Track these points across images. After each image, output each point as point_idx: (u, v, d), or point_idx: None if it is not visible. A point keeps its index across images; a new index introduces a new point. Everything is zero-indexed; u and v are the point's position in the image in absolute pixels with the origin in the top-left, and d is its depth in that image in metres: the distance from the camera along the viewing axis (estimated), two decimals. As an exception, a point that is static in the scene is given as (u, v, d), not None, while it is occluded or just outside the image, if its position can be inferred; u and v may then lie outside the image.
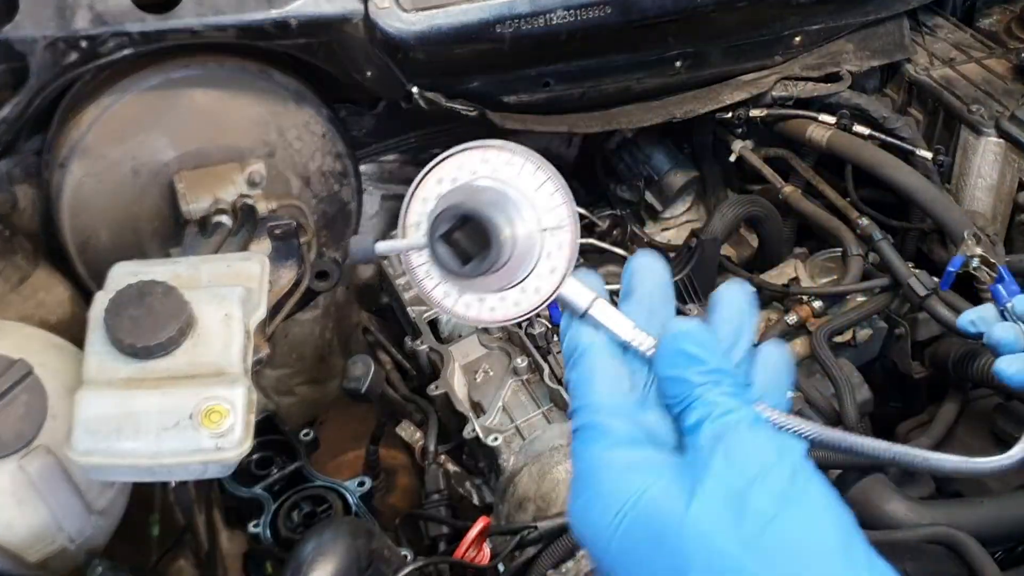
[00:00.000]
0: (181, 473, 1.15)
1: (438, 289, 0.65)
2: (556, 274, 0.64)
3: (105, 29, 1.36)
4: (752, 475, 0.56)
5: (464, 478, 1.47)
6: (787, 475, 0.56)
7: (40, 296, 1.49)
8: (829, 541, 0.54)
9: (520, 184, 0.64)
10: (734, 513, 0.55)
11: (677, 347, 0.62)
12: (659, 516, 0.57)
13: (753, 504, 0.55)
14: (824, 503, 0.56)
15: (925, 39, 1.88)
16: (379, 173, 1.87)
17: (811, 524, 0.55)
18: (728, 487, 0.56)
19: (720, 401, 0.60)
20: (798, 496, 0.56)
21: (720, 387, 0.60)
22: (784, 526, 0.54)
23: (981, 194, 1.71)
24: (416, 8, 1.46)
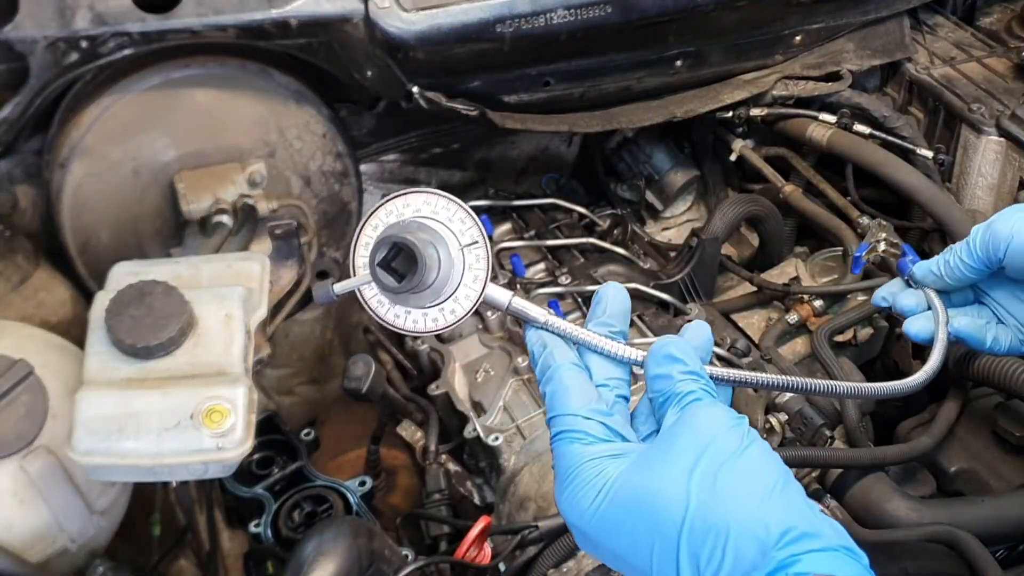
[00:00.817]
0: (182, 473, 1.15)
1: (389, 313, 0.79)
2: (479, 281, 0.78)
3: (105, 29, 1.36)
4: (705, 440, 0.69)
5: (465, 478, 1.47)
6: (733, 438, 0.70)
7: (41, 296, 1.49)
8: (766, 485, 0.67)
9: (439, 215, 0.78)
10: (691, 468, 0.68)
11: (666, 351, 0.77)
12: (633, 487, 0.70)
13: (706, 462, 0.68)
14: (762, 459, 0.69)
15: (926, 38, 1.88)
16: (379, 173, 1.87)
17: (751, 473, 0.68)
18: (688, 450, 0.69)
19: (688, 390, 0.75)
20: (741, 453, 0.69)
21: (697, 382, 0.76)
22: (729, 475, 0.67)
23: (982, 193, 1.71)
24: (416, 8, 1.46)
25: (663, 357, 0.77)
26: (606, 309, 0.82)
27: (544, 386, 0.79)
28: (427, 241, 0.75)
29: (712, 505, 0.66)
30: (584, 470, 0.72)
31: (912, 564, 1.16)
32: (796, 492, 0.68)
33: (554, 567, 1.23)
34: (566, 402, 0.77)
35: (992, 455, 1.41)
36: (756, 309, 1.66)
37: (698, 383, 0.75)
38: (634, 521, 0.69)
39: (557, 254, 1.71)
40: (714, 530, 0.65)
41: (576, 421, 0.75)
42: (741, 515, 0.65)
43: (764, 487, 0.67)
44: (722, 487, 0.66)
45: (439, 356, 1.57)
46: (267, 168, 1.57)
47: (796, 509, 0.66)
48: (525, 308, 0.81)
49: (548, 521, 1.24)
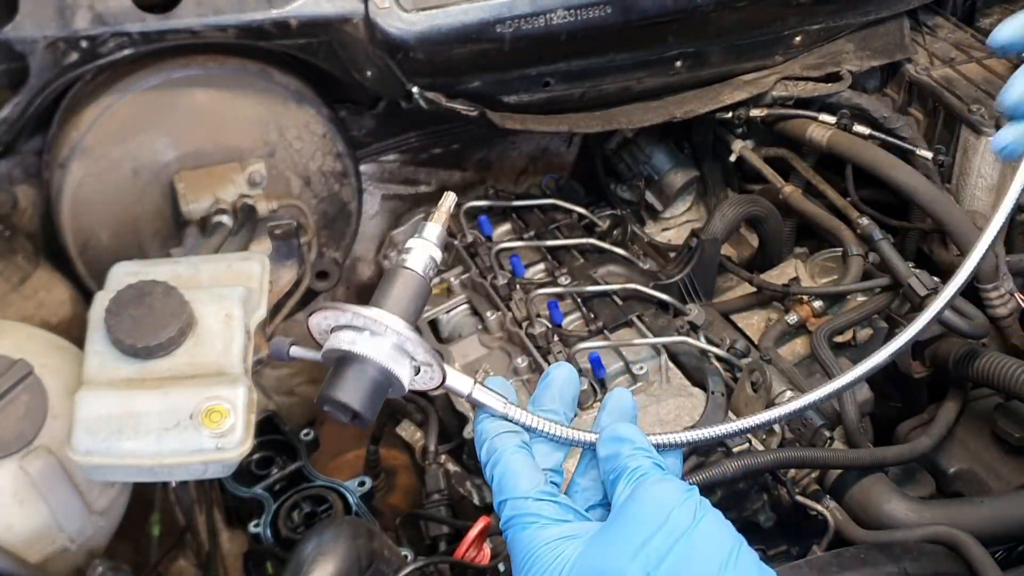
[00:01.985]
0: (182, 473, 1.15)
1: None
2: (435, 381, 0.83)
3: (105, 29, 1.36)
4: (660, 517, 0.71)
5: (464, 478, 1.47)
6: (687, 511, 0.71)
7: (41, 296, 1.49)
8: (719, 559, 0.68)
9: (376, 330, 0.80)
10: (649, 546, 0.69)
11: (614, 434, 0.80)
12: (592, 569, 0.71)
13: (659, 541, 0.69)
14: (713, 531, 0.71)
15: (925, 39, 1.88)
16: (379, 173, 1.87)
17: (704, 548, 0.69)
18: (641, 529, 0.70)
19: (639, 466, 0.77)
20: (694, 526, 0.70)
21: (647, 457, 0.78)
22: (683, 552, 0.69)
23: (981, 194, 1.71)
24: (416, 8, 1.46)
25: (611, 440, 0.80)
26: (555, 395, 0.84)
27: (491, 470, 0.80)
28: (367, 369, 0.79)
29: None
30: (541, 555, 0.73)
31: (911, 565, 1.16)
32: (749, 562, 0.70)
33: (553, 567, 1.23)
34: (516, 485, 0.77)
35: (992, 456, 1.41)
36: (756, 310, 1.66)
37: (647, 459, 0.77)
38: None
39: (557, 254, 1.71)
40: None
41: (527, 504, 0.76)
42: None
43: (718, 562, 0.68)
44: (676, 566, 0.68)
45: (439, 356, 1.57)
46: (267, 168, 1.57)
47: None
48: (486, 398, 0.82)
49: (547, 521, 1.24)
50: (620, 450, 0.78)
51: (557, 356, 1.47)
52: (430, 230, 0.84)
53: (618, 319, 1.54)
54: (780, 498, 1.34)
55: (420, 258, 0.83)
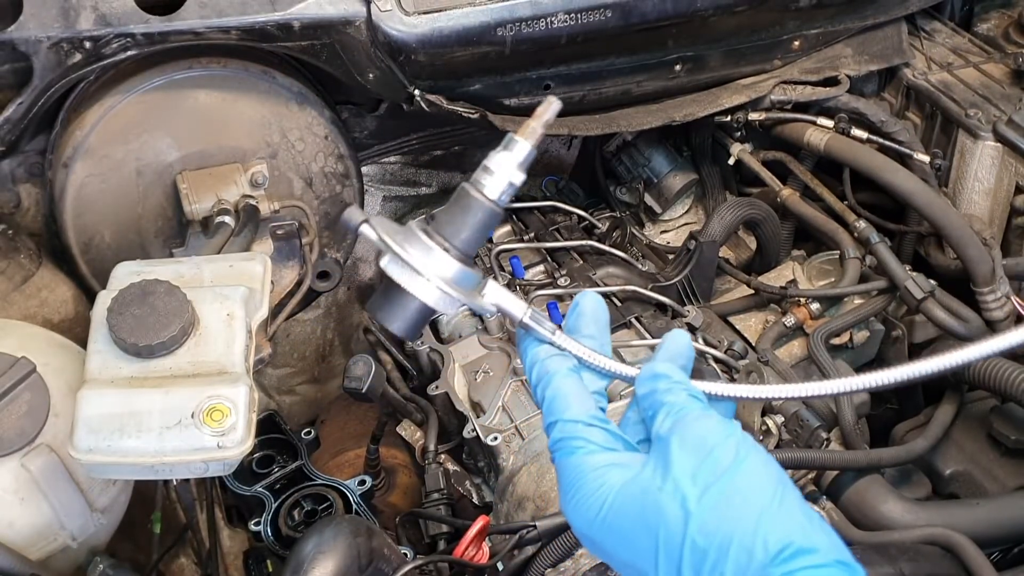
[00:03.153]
0: (183, 471, 1.15)
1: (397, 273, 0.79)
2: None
3: (109, 30, 1.37)
4: (701, 453, 0.70)
5: (464, 477, 1.48)
6: (729, 449, 0.70)
7: (43, 295, 1.50)
8: (763, 498, 0.67)
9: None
10: (690, 483, 0.69)
11: (652, 371, 0.78)
12: (634, 499, 0.71)
13: (703, 478, 0.69)
14: (758, 471, 0.69)
15: (923, 43, 1.89)
16: (381, 174, 1.88)
17: (748, 488, 0.68)
18: (685, 465, 0.70)
19: (676, 401, 0.75)
20: (737, 465, 0.69)
21: (683, 392, 0.76)
22: (726, 491, 0.68)
23: (978, 198, 1.72)
24: (418, 11, 1.47)
25: (649, 378, 0.78)
26: (590, 322, 0.83)
27: (541, 392, 0.79)
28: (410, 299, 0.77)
29: (710, 522, 0.66)
30: (588, 480, 0.73)
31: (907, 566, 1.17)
32: (794, 503, 0.68)
33: (551, 566, 1.24)
34: (566, 407, 0.77)
35: (987, 458, 1.42)
36: (753, 311, 1.66)
37: (685, 393, 0.76)
38: (638, 533, 0.70)
39: (556, 256, 1.72)
40: (713, 547, 0.66)
41: (577, 428, 0.75)
42: (738, 532, 0.66)
43: (761, 501, 0.67)
44: (719, 503, 0.67)
45: (439, 357, 1.58)
46: (269, 169, 1.58)
47: (793, 522, 0.66)
48: (536, 324, 0.80)
49: (546, 521, 1.25)
50: (656, 386, 0.77)
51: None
52: (519, 148, 0.77)
53: (617, 320, 1.54)
54: (777, 499, 1.35)
55: (498, 184, 0.77)
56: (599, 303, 0.84)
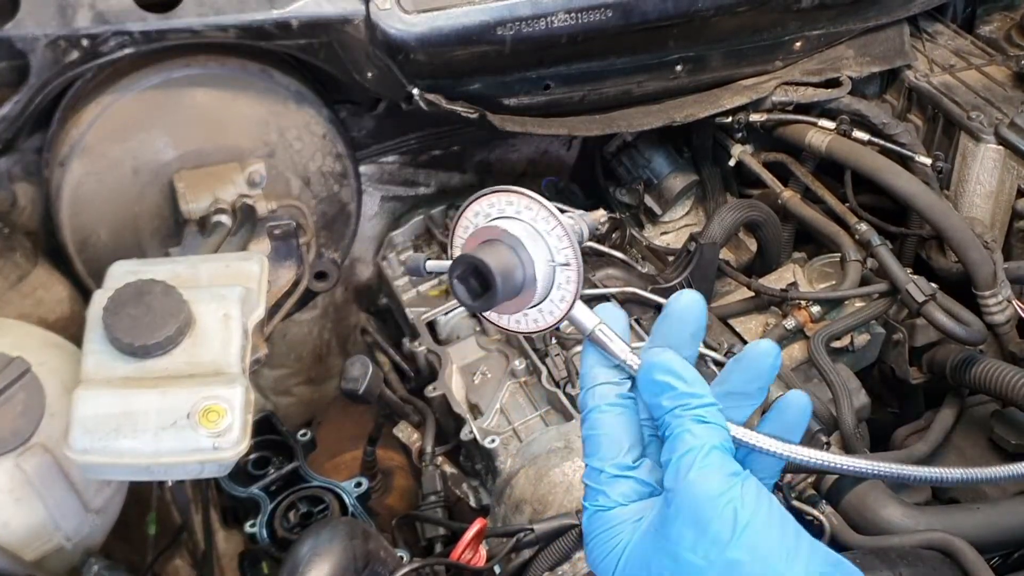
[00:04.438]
0: (178, 472, 1.15)
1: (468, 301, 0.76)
2: (565, 302, 0.77)
3: (106, 28, 1.36)
4: (700, 527, 0.67)
5: (461, 480, 1.48)
6: (727, 521, 0.67)
7: (39, 294, 1.49)
8: (771, 561, 0.66)
9: (537, 224, 0.76)
10: (692, 555, 0.67)
11: (650, 376, 0.72)
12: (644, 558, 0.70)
13: (702, 549, 0.67)
14: (759, 533, 0.67)
15: (925, 45, 1.88)
16: (379, 174, 1.87)
17: (752, 554, 0.66)
18: (684, 538, 0.68)
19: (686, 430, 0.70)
20: (738, 537, 0.67)
21: (689, 410, 0.71)
22: (730, 560, 0.66)
23: (980, 200, 1.71)
24: (417, 10, 1.46)
25: (649, 383, 0.73)
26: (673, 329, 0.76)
27: (582, 423, 0.77)
28: (522, 251, 0.74)
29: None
30: (600, 540, 0.73)
31: (907, 571, 1.16)
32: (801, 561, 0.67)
33: (549, 570, 1.23)
34: (595, 450, 0.75)
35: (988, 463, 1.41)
36: (754, 314, 1.66)
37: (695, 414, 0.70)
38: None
39: (555, 257, 1.71)
40: None
41: (600, 479, 0.74)
42: None
43: (766, 570, 0.66)
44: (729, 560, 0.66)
45: (436, 358, 1.57)
46: (266, 168, 1.57)
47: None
48: (607, 340, 0.76)
49: (543, 524, 1.24)
50: (661, 401, 0.71)
51: (555, 359, 1.48)
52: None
53: (616, 322, 1.54)
54: (776, 503, 1.35)
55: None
56: (690, 305, 0.76)
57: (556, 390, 1.44)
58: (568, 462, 1.31)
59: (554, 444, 1.35)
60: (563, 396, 1.42)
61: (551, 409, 1.45)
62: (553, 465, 1.32)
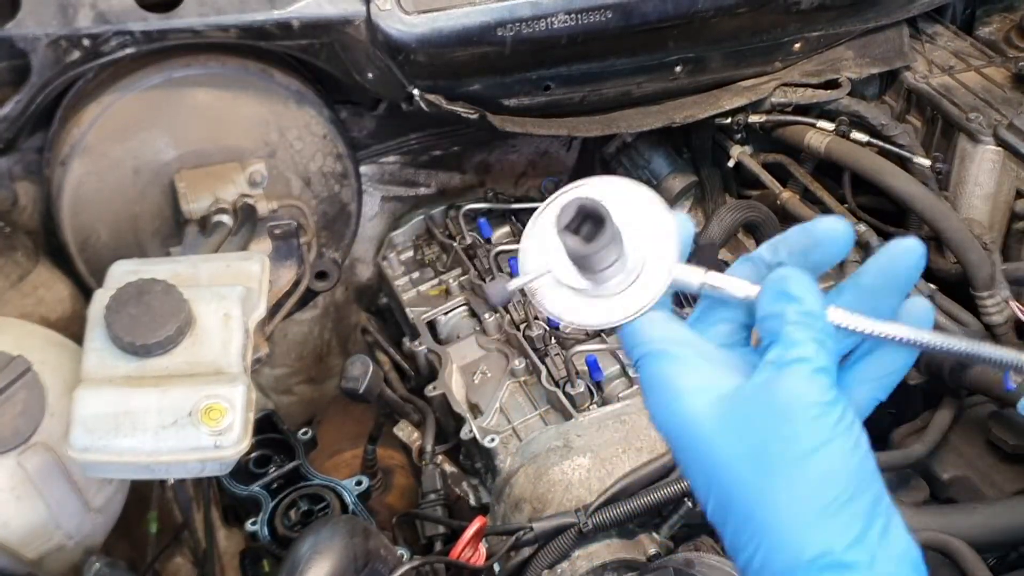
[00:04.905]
0: (179, 471, 1.15)
1: (566, 309, 0.71)
2: (665, 261, 0.70)
3: (107, 28, 1.36)
4: (783, 425, 0.62)
5: (461, 478, 1.48)
6: (811, 433, 0.62)
7: (40, 293, 1.50)
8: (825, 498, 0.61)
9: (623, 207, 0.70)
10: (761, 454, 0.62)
11: (781, 287, 0.67)
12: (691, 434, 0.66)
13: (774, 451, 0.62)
14: (833, 465, 0.61)
15: (925, 47, 1.89)
16: (379, 174, 1.87)
17: (814, 481, 0.61)
18: (759, 431, 0.63)
19: (799, 340, 0.64)
20: (812, 454, 0.61)
21: (809, 330, 0.65)
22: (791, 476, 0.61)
23: (978, 202, 1.71)
24: (418, 10, 1.46)
25: (776, 294, 0.67)
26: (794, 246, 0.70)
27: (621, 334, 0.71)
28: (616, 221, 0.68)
29: (761, 503, 0.62)
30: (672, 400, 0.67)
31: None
32: (858, 510, 0.61)
33: (548, 568, 1.24)
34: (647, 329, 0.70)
35: (986, 463, 1.42)
36: (753, 314, 1.66)
37: (812, 334, 0.65)
38: (699, 469, 0.66)
39: (555, 257, 1.71)
40: (755, 527, 0.62)
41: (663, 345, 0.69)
42: (784, 526, 0.61)
43: (826, 499, 0.61)
44: (784, 486, 0.61)
45: (436, 358, 1.58)
46: (267, 168, 1.57)
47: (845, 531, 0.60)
48: (725, 284, 0.71)
49: (543, 522, 1.24)
50: (782, 310, 0.66)
51: (555, 358, 1.48)
52: None
53: (615, 322, 1.54)
54: (775, 502, 1.35)
55: None
56: (833, 230, 0.70)
57: (556, 389, 1.44)
58: (567, 461, 1.32)
59: (553, 443, 1.35)
60: (562, 395, 1.43)
61: (551, 408, 1.46)
62: (552, 464, 1.32)
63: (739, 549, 0.64)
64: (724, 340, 0.73)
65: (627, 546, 1.27)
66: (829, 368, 0.64)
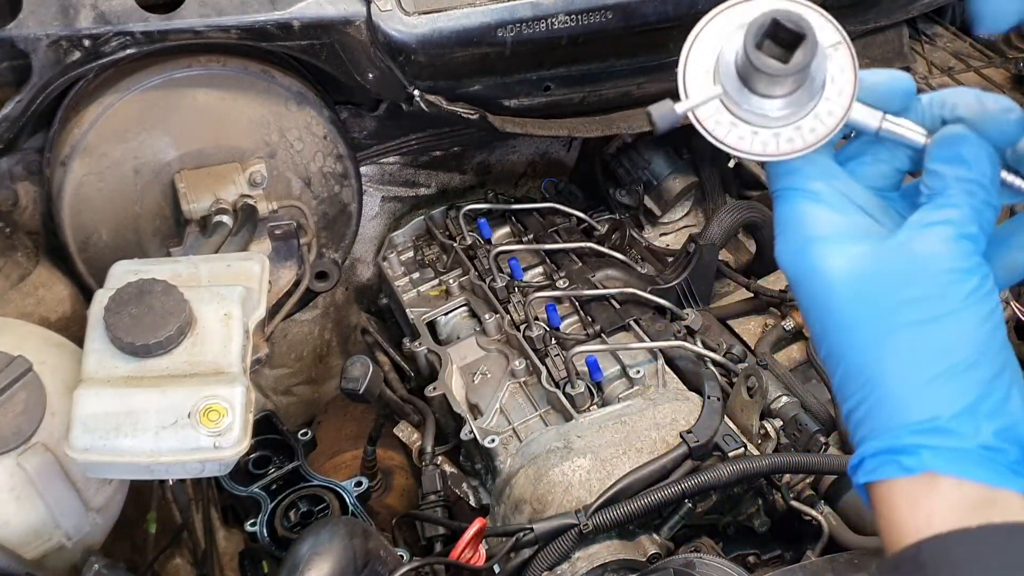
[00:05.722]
0: (179, 471, 1.15)
1: (731, 135, 0.66)
2: (844, 96, 0.65)
3: (108, 28, 1.36)
4: (922, 283, 0.61)
5: (461, 479, 1.48)
6: (950, 295, 0.61)
7: (40, 293, 1.50)
8: (946, 364, 0.60)
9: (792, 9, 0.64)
10: (891, 312, 0.61)
11: (954, 148, 0.64)
12: (818, 285, 0.64)
13: (907, 311, 0.61)
14: (963, 331, 0.61)
15: (924, 48, 1.89)
16: (380, 175, 1.87)
17: (939, 344, 0.60)
18: (897, 287, 0.62)
19: (955, 203, 0.62)
20: (945, 317, 0.60)
21: (970, 197, 0.63)
22: (918, 336, 0.60)
23: (978, 203, 1.72)
24: (418, 11, 1.46)
25: (949, 154, 0.64)
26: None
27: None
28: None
29: (877, 359, 0.61)
30: (808, 249, 0.65)
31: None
32: (974, 381, 0.60)
33: (548, 569, 1.24)
34: (798, 166, 0.67)
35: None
36: (752, 315, 1.66)
37: (969, 199, 0.63)
38: (818, 316, 0.64)
39: (555, 258, 1.71)
40: (865, 380, 0.61)
41: (807, 181, 0.66)
42: (895, 386, 0.61)
43: (943, 365, 0.60)
44: (904, 346, 0.61)
45: (436, 358, 1.58)
46: (268, 169, 1.58)
47: (956, 399, 0.60)
48: (904, 130, 0.66)
49: (543, 523, 1.24)
50: (947, 171, 0.63)
51: (555, 359, 1.48)
52: None
53: (615, 323, 1.54)
54: (775, 503, 1.35)
55: None
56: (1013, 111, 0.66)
57: (556, 390, 1.44)
58: (568, 462, 1.32)
59: (553, 444, 1.35)
60: (563, 396, 1.43)
61: (551, 409, 1.45)
62: (552, 465, 1.32)
63: (845, 397, 0.63)
64: (878, 183, 0.69)
65: (627, 547, 1.26)
66: (976, 236, 0.62)
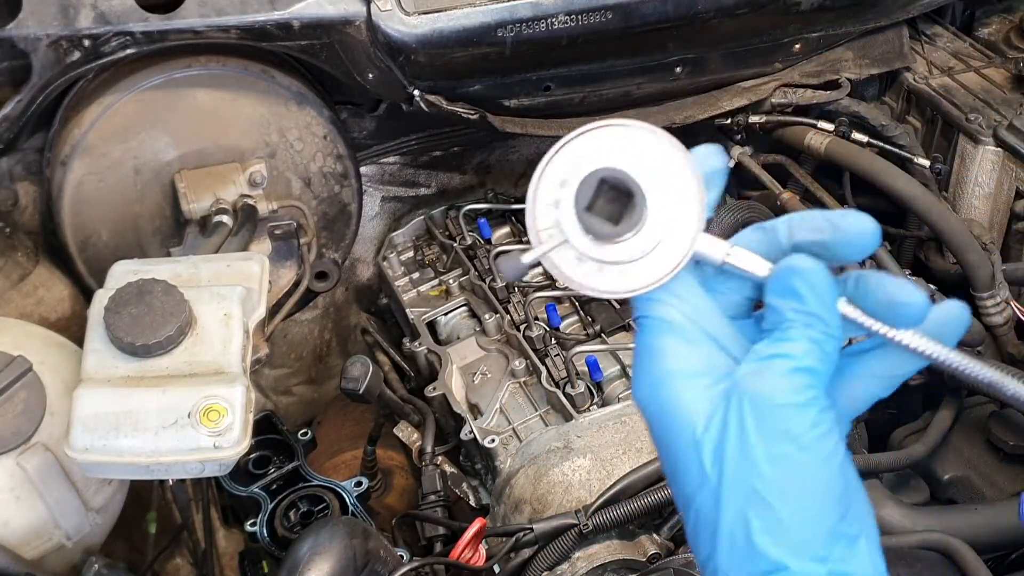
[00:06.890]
0: (179, 471, 1.15)
1: (578, 271, 0.66)
2: (691, 227, 0.65)
3: (108, 28, 1.36)
4: (752, 416, 0.59)
5: (461, 479, 1.48)
6: (783, 429, 0.58)
7: (40, 293, 1.50)
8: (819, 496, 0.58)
9: (636, 158, 0.65)
10: (720, 441, 0.59)
11: (787, 282, 0.63)
12: (669, 420, 0.62)
13: (733, 446, 0.59)
14: (811, 464, 0.58)
15: (924, 48, 1.89)
16: (380, 175, 1.87)
17: (790, 478, 0.58)
18: (731, 422, 0.59)
19: (792, 337, 0.61)
20: (781, 456, 0.58)
21: (807, 329, 0.62)
22: (761, 474, 0.58)
23: (978, 202, 1.72)
24: (418, 11, 1.46)
25: (783, 287, 0.63)
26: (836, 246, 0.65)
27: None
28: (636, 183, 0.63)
29: (718, 506, 0.59)
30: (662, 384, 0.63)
31: (906, 571, 1.17)
32: (820, 530, 0.59)
33: (548, 569, 1.24)
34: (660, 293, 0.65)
35: (986, 463, 1.42)
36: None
37: (806, 332, 0.61)
38: (667, 454, 0.63)
39: (555, 258, 1.71)
40: (712, 530, 0.60)
41: (660, 309, 0.65)
42: (737, 536, 0.58)
43: (778, 516, 0.58)
44: (736, 493, 0.59)
45: (436, 358, 1.58)
46: (268, 169, 1.58)
47: (800, 552, 0.58)
48: (745, 263, 0.65)
49: (543, 523, 1.24)
50: (783, 306, 0.62)
51: (555, 359, 1.48)
52: None
53: (615, 323, 1.54)
54: (775, 503, 1.35)
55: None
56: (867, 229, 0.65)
57: (556, 390, 1.44)
58: (567, 462, 1.32)
59: (553, 444, 1.35)
60: (563, 396, 1.43)
61: (551, 409, 1.45)
62: (552, 465, 1.32)
63: (697, 548, 0.61)
64: (730, 311, 0.68)
65: (627, 547, 1.26)
66: (815, 370, 0.60)
